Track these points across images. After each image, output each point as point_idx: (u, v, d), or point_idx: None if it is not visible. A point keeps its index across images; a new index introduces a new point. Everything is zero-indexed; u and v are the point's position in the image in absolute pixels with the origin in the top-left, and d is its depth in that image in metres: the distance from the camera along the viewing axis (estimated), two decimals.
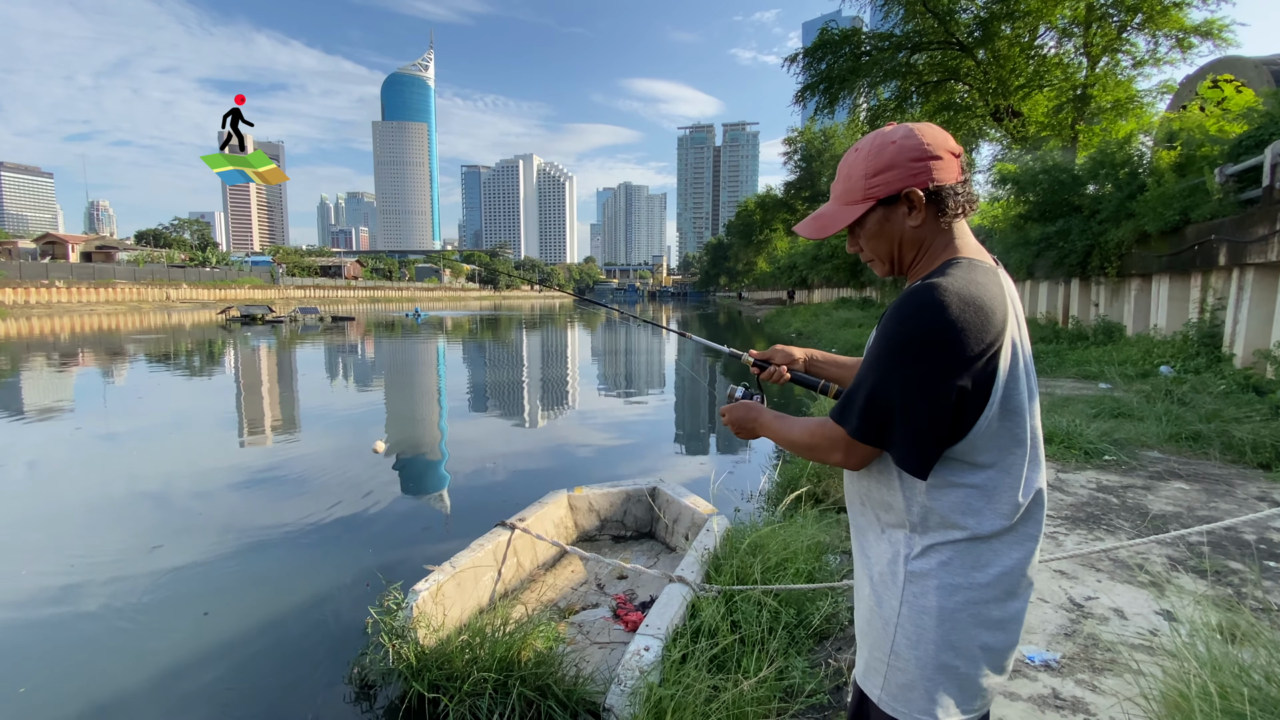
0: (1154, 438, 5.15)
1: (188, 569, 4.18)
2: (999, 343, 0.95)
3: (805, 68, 21.61)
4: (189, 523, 5.06)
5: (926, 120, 16.20)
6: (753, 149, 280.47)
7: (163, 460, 7.09)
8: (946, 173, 1.04)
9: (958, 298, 0.93)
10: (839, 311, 27.34)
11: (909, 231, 1.07)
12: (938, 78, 20.98)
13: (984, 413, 0.96)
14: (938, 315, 0.93)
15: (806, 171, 55.15)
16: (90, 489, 6.03)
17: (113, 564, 4.26)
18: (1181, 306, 9.56)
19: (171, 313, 51.36)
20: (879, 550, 1.10)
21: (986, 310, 0.94)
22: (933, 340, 0.93)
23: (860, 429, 1.02)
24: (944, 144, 1.05)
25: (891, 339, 0.97)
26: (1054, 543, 3.27)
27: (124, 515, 5.30)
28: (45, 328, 33.15)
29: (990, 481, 1.00)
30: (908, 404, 0.96)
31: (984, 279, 0.98)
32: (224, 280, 73.59)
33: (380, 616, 2.80)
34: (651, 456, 7.62)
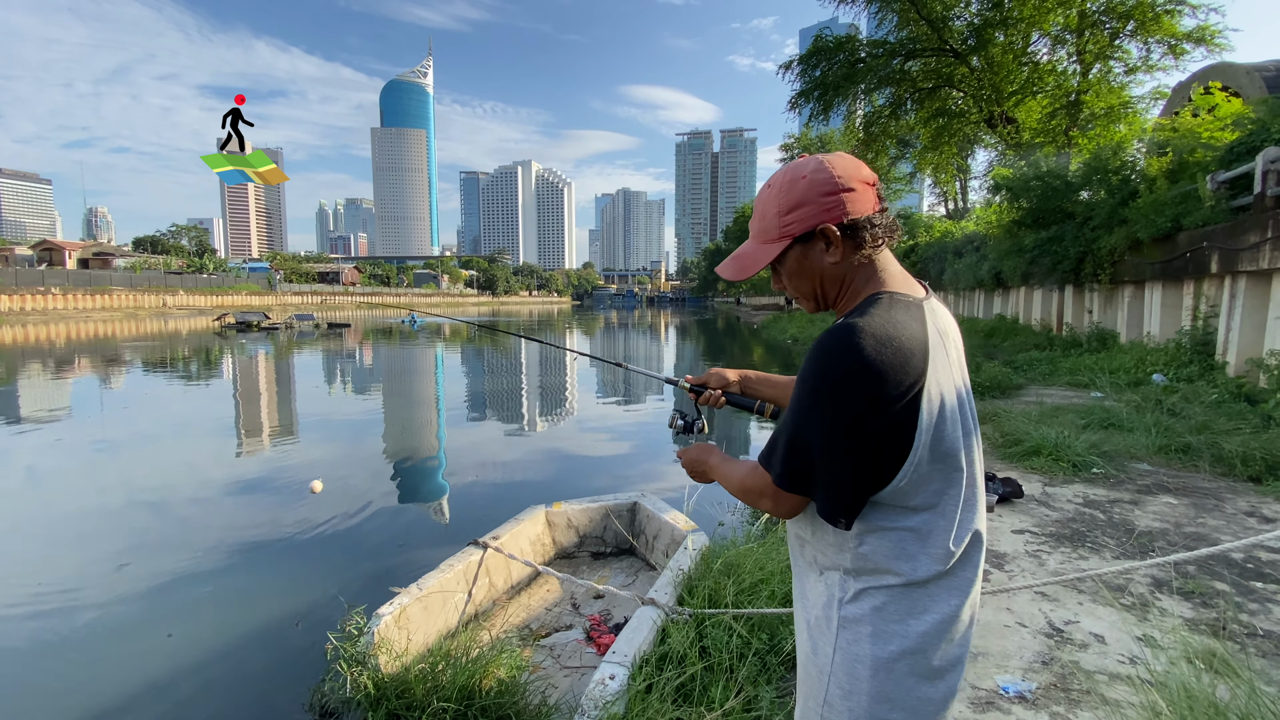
0: (1143, 449, 5.08)
1: (155, 588, 4.09)
2: (920, 383, 0.89)
3: (800, 75, 21.65)
4: (161, 538, 4.97)
5: (922, 127, 16.32)
6: (750, 155, 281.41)
7: (141, 473, 7.00)
8: (861, 204, 0.99)
9: (873, 338, 0.88)
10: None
11: (828, 268, 1.03)
12: (932, 85, 21.00)
13: (909, 456, 0.91)
14: (852, 358, 0.88)
15: None
16: (62, 503, 5.93)
17: (78, 582, 4.17)
18: (1174, 314, 9.50)
19: (168, 319, 51.30)
20: (815, 593, 1.05)
21: (905, 350, 0.89)
22: (848, 384, 0.88)
23: (783, 476, 0.97)
24: (857, 174, 1.00)
25: (808, 383, 0.93)
26: (1036, 561, 3.19)
27: (95, 530, 5.21)
28: (40, 335, 33.07)
29: (925, 525, 0.95)
30: (826, 450, 0.92)
31: (904, 316, 0.93)
32: (221, 287, 73.51)
33: (340, 643, 2.72)
34: (641, 466, 7.54)
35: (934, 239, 23.96)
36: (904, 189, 45.41)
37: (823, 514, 0.96)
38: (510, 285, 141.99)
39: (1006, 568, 3.12)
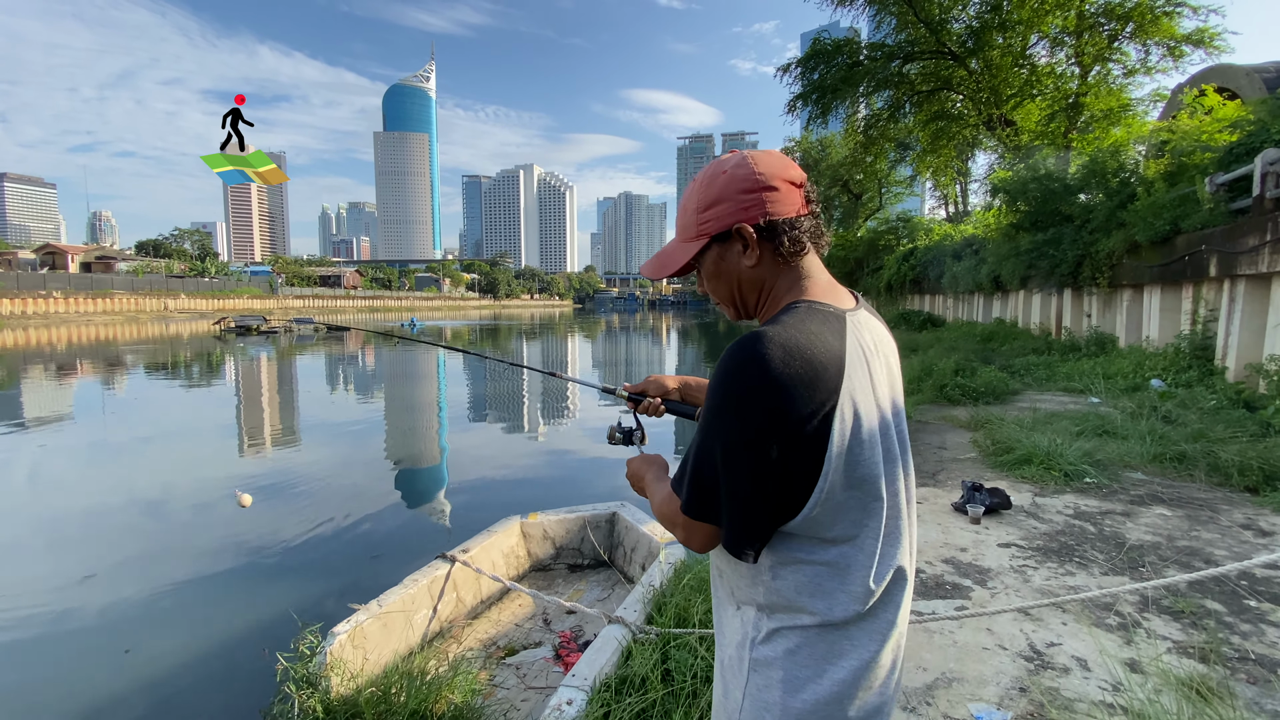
0: (1138, 458, 4.96)
1: (118, 600, 3.99)
2: (833, 401, 0.80)
3: (798, 78, 21.59)
4: (133, 547, 4.88)
5: (921, 130, 16.22)
6: None
7: (120, 479, 6.91)
8: (783, 205, 0.91)
9: (781, 350, 0.79)
10: None
11: (746, 272, 0.95)
12: (930, 87, 20.92)
13: (819, 482, 0.81)
14: (755, 371, 0.79)
15: None
16: (35, 509, 5.84)
17: (40, 593, 4.06)
18: (1173, 318, 9.37)
19: (169, 323, 51.37)
20: (731, 629, 0.96)
21: (816, 364, 0.80)
22: (750, 399, 0.79)
23: (690, 502, 0.88)
24: (782, 173, 0.92)
25: (711, 397, 0.84)
26: (1021, 577, 3.07)
27: (63, 539, 5.11)
28: (41, 338, 33.10)
29: (841, 559, 0.85)
30: (727, 473, 0.82)
31: (820, 327, 0.84)
32: (222, 290, 73.61)
33: (290, 664, 2.61)
34: None
35: (933, 242, 23.83)
36: (905, 192, 45.36)
37: (726, 545, 0.86)
38: (512, 289, 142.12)
39: (990, 584, 3.00)
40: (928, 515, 3.92)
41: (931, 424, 6.73)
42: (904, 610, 0.91)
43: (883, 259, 28.81)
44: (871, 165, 27.86)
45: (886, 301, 27.33)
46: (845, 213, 50.16)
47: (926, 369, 9.53)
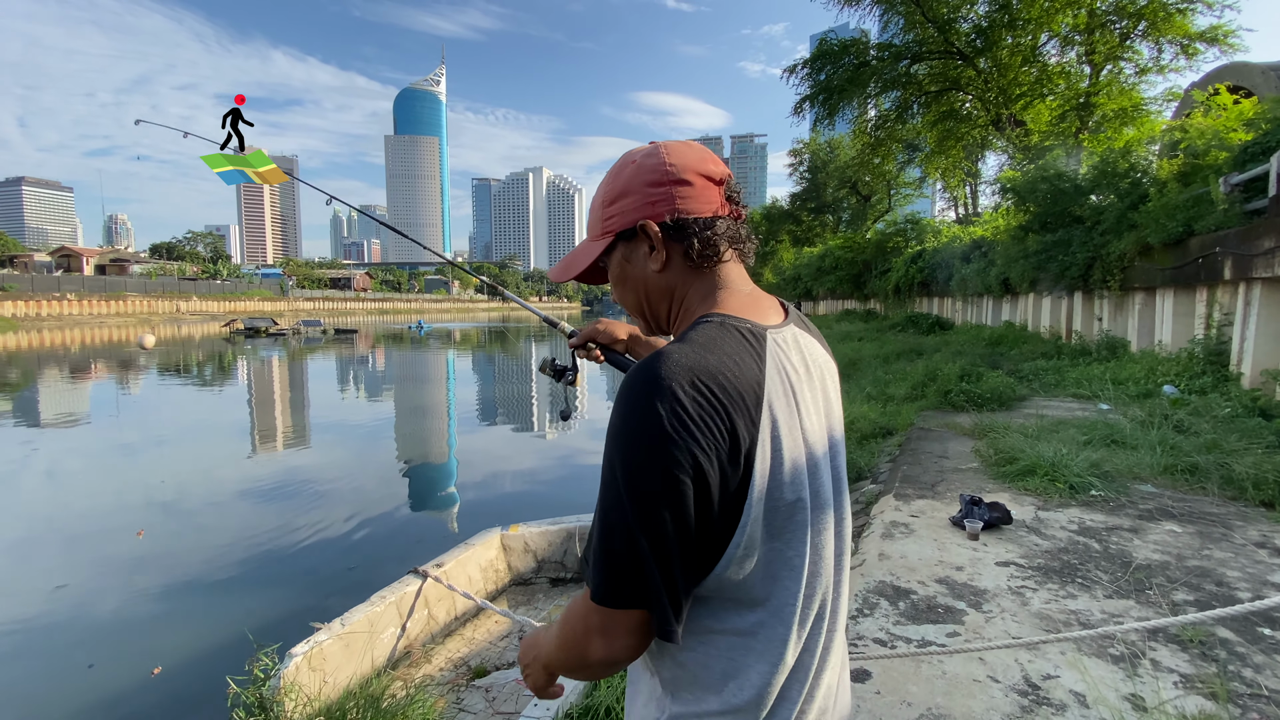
0: (1148, 469, 4.75)
1: (88, 612, 3.90)
2: (749, 437, 0.67)
3: (805, 78, 21.41)
4: (108, 556, 4.79)
5: (929, 131, 15.97)
6: (761, 160, 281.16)
7: (103, 485, 6.85)
8: (697, 202, 0.80)
9: (687, 376, 0.66)
10: (841, 324, 26.90)
11: (652, 277, 0.83)
12: (938, 88, 20.66)
13: (735, 535, 0.67)
14: (649, 403, 0.65)
15: (812, 183, 54.88)
16: (13, 517, 5.77)
17: (8, 603, 3.97)
18: (1187, 322, 9.11)
19: (181, 325, 51.91)
20: (643, 698, 0.80)
21: (729, 393, 0.67)
22: (651, 441, 0.64)
23: (604, 587, 0.66)
24: (697, 166, 0.81)
25: (608, 443, 0.68)
26: (1019, 600, 2.90)
27: (40, 547, 5.04)
28: (55, 340, 33.47)
29: (759, 627, 0.71)
30: (646, 536, 0.64)
31: (735, 348, 0.71)
32: (234, 293, 74.36)
33: (241, 688, 2.49)
34: None
35: (941, 244, 23.53)
36: (913, 193, 44.99)
37: (659, 630, 0.68)
38: (520, 291, 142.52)
39: (985, 607, 2.83)
40: (923, 530, 3.75)
41: (934, 431, 6.54)
42: (832, 683, 0.77)
43: (891, 261, 28.49)
44: (879, 167, 27.59)
45: (894, 304, 27.00)
46: (854, 214, 49.81)
47: (931, 373, 9.32)
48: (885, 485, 4.76)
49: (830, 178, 51.55)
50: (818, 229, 57.35)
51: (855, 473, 5.53)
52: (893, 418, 7.31)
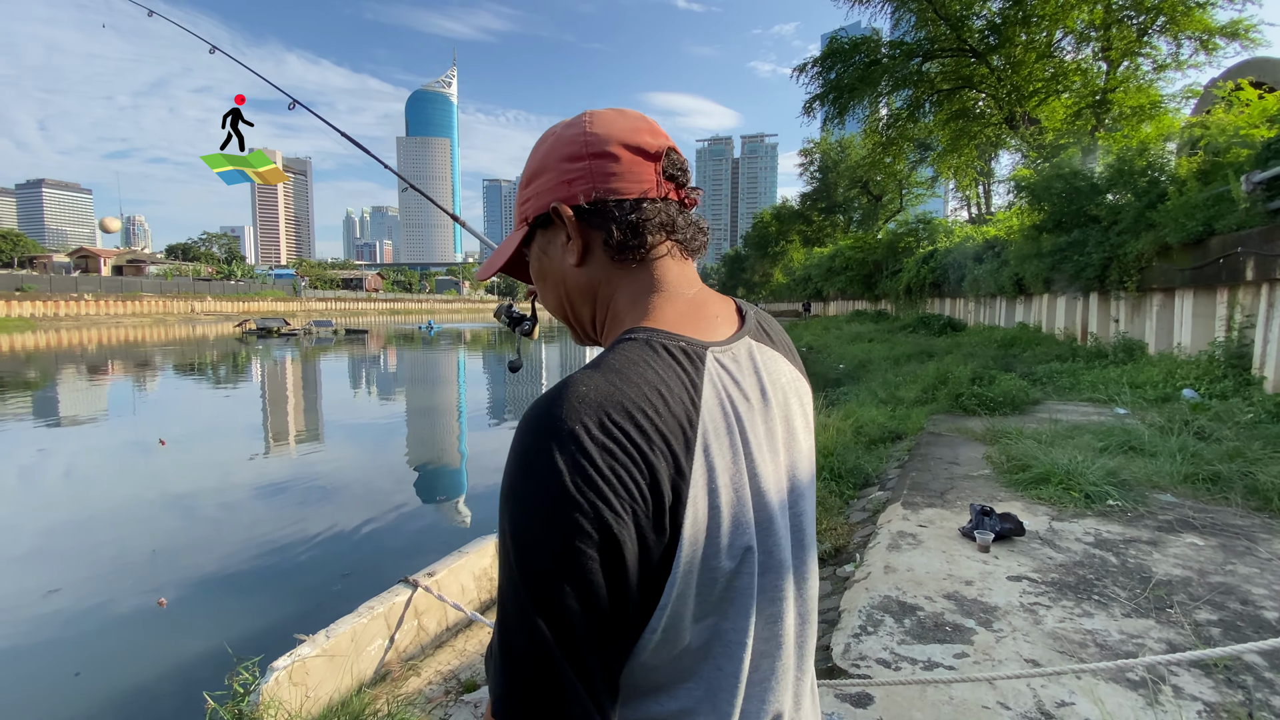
0: (1167, 478, 4.58)
1: (78, 618, 3.85)
2: (675, 487, 0.52)
3: (815, 77, 21.23)
4: (109, 559, 4.76)
5: (941, 130, 15.61)
6: (771, 160, 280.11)
7: (108, 487, 6.85)
8: (621, 180, 0.64)
9: (595, 415, 0.51)
10: (851, 325, 26.65)
11: (571, 274, 0.67)
12: (951, 86, 20.39)
13: (658, 611, 0.53)
14: (544, 456, 0.50)
15: (822, 183, 54.60)
16: (15, 520, 5.76)
17: (3, 608, 3.94)
18: (1207, 324, 8.87)
19: (195, 325, 52.48)
20: None
21: (642, 436, 0.52)
22: (540, 502, 0.50)
23: (504, 696, 0.50)
24: (624, 136, 0.64)
25: (501, 506, 0.53)
26: (1032, 618, 2.76)
27: (37, 551, 5.01)
28: (72, 339, 33.92)
29: (691, 710, 0.56)
30: (548, 622, 0.49)
31: (660, 374, 0.56)
32: (247, 293, 75.16)
33: (219, 704, 2.41)
34: None
35: (954, 244, 23.24)
36: (926, 193, 44.53)
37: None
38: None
39: (996, 626, 2.70)
40: (932, 541, 3.61)
41: (945, 436, 6.38)
42: None
43: (902, 261, 28.21)
44: (891, 166, 27.31)
45: (906, 305, 26.73)
46: (865, 214, 49.47)
47: (943, 376, 9.14)
48: (893, 493, 4.63)
49: (841, 177, 51.26)
50: (828, 229, 57.02)
51: (863, 478, 5.39)
52: (902, 421, 7.16)
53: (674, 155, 0.67)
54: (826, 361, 19.83)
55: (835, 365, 18.26)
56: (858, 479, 5.34)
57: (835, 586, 3.36)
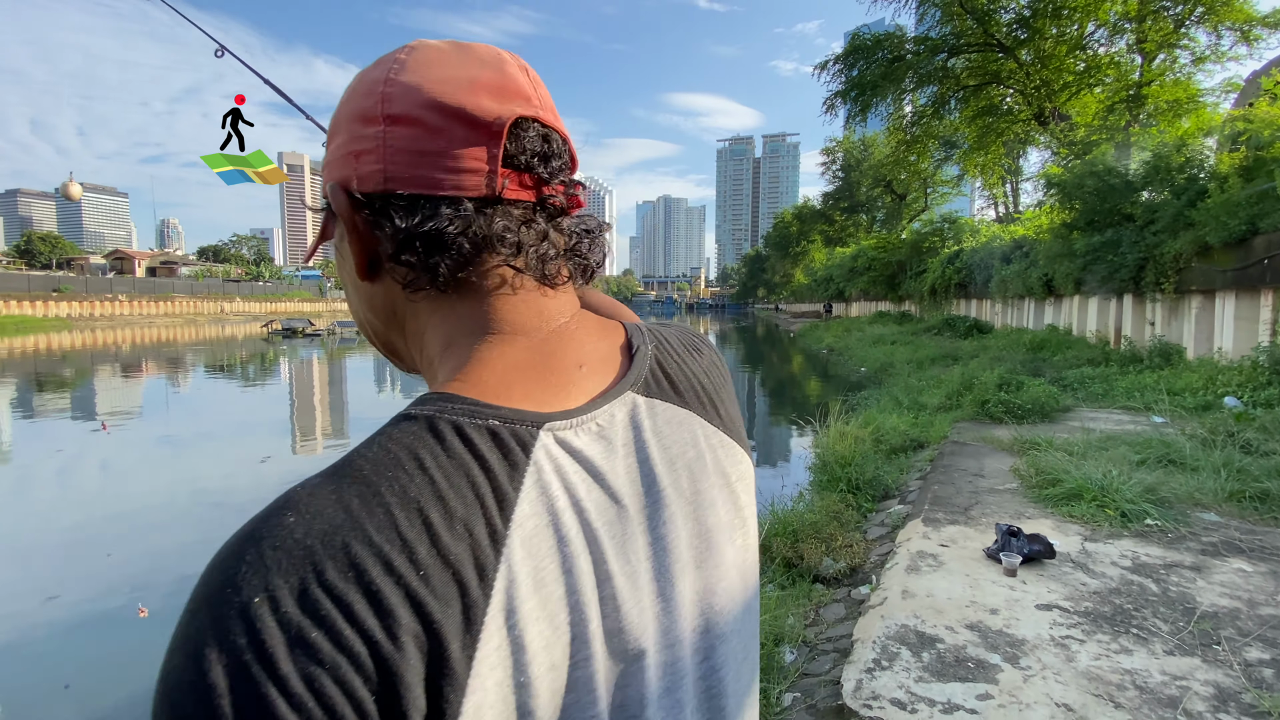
0: (1211, 495, 4.28)
1: (74, 627, 3.81)
2: (431, 689, 0.31)
3: (836, 75, 20.88)
4: (106, 567, 4.73)
5: (967, 127, 15.16)
6: (793, 160, 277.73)
7: (120, 492, 6.89)
8: (432, 165, 0.40)
9: (297, 566, 0.30)
10: (873, 327, 26.14)
11: (364, 291, 0.47)
12: (977, 82, 19.92)
13: None
14: (196, 644, 0.30)
15: (845, 182, 53.88)
16: (21, 523, 5.80)
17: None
18: (1250, 327, 8.44)
19: (224, 325, 53.66)
20: None
21: (368, 606, 0.30)
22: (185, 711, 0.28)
23: None
24: (449, 92, 0.41)
25: None
26: (1064, 654, 2.54)
27: (40, 555, 5.02)
28: (106, 339, 34.85)
29: None
30: None
31: (436, 486, 0.34)
32: (275, 294, 76.79)
33: None
34: None
35: (980, 244, 22.67)
36: (951, 192, 43.67)
37: None
38: None
39: (1023, 662, 2.49)
40: (954, 563, 3.39)
41: (969, 445, 6.11)
42: None
43: (926, 261, 27.63)
44: (915, 165, 26.74)
45: (930, 306, 26.18)
46: (888, 214, 48.73)
47: (968, 381, 8.83)
48: (914, 507, 4.40)
49: (864, 176, 50.53)
50: (851, 229, 56.27)
51: (882, 490, 5.16)
52: (925, 429, 6.90)
53: (529, 130, 0.43)
54: (847, 364, 19.46)
55: (856, 368, 17.90)
56: (876, 491, 5.11)
57: (849, 611, 3.17)
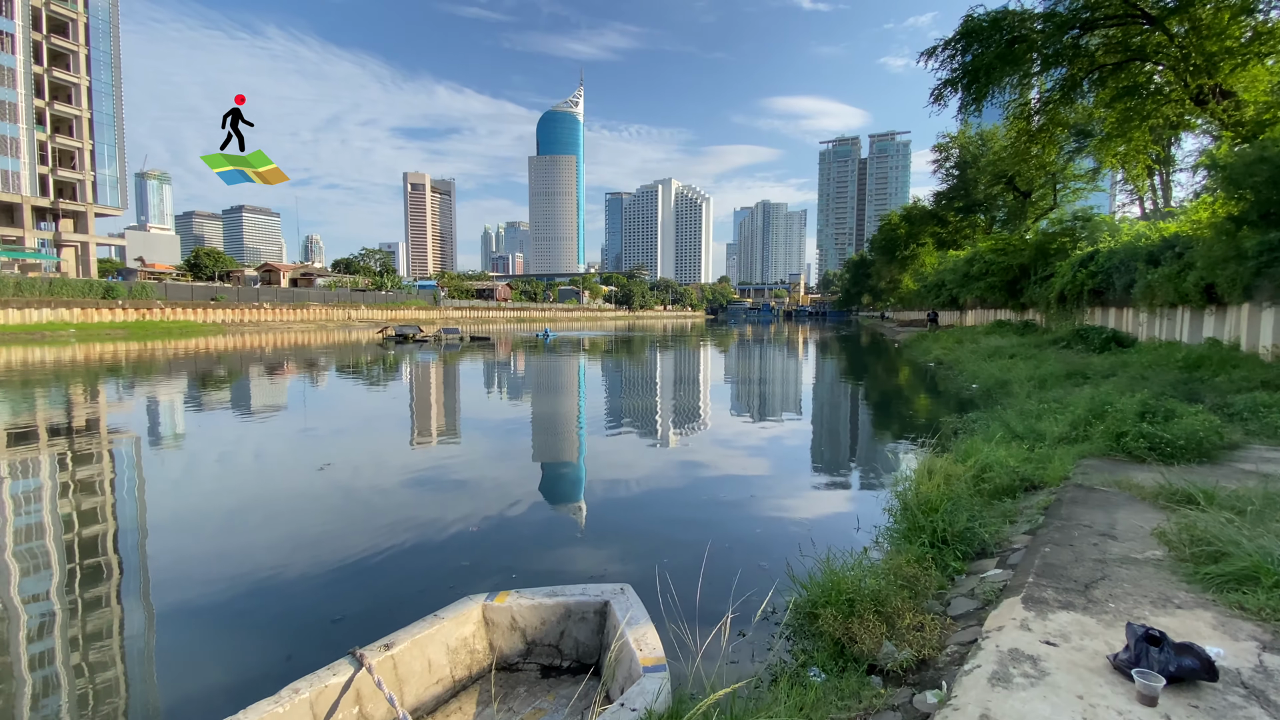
0: None
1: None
2: None
3: (945, 62, 19.00)
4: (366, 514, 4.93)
5: (1105, 112, 13.18)
6: (903, 159, 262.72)
7: (215, 489, 7.20)
8: None
9: None
10: (989, 338, 23.58)
11: None
12: (1117, 60, 17.36)
13: None
14: None
15: (960, 180, 49.84)
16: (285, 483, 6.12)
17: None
18: None
19: (350, 330, 58.51)
20: None
21: None
22: None
23: None
24: None
25: None
26: None
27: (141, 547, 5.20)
28: (252, 342, 38.92)
29: None
30: None
31: None
32: (394, 302, 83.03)
33: None
34: (663, 535, 6.21)
35: (1120, 244, 19.80)
36: (1085, 187, 39.12)
37: None
38: (646, 300, 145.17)
39: None
40: (1063, 675, 2.48)
41: (1097, 492, 4.91)
42: None
43: (1054, 265, 24.66)
44: (1041, 157, 23.87)
45: (1058, 315, 23.24)
46: (1010, 213, 44.41)
47: (1099, 406, 7.36)
48: (1014, 576, 3.45)
49: (981, 173, 46.37)
50: (966, 230, 51.92)
51: (978, 546, 4.18)
52: (1040, 466, 5.71)
53: None
54: (956, 380, 17.51)
55: (966, 385, 16.03)
56: (969, 547, 4.14)
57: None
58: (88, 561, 5.14)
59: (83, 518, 6.11)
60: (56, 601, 4.38)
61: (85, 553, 5.28)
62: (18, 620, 4.10)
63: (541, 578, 4.36)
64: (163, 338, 42.39)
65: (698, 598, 3.35)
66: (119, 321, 46.92)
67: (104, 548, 5.47)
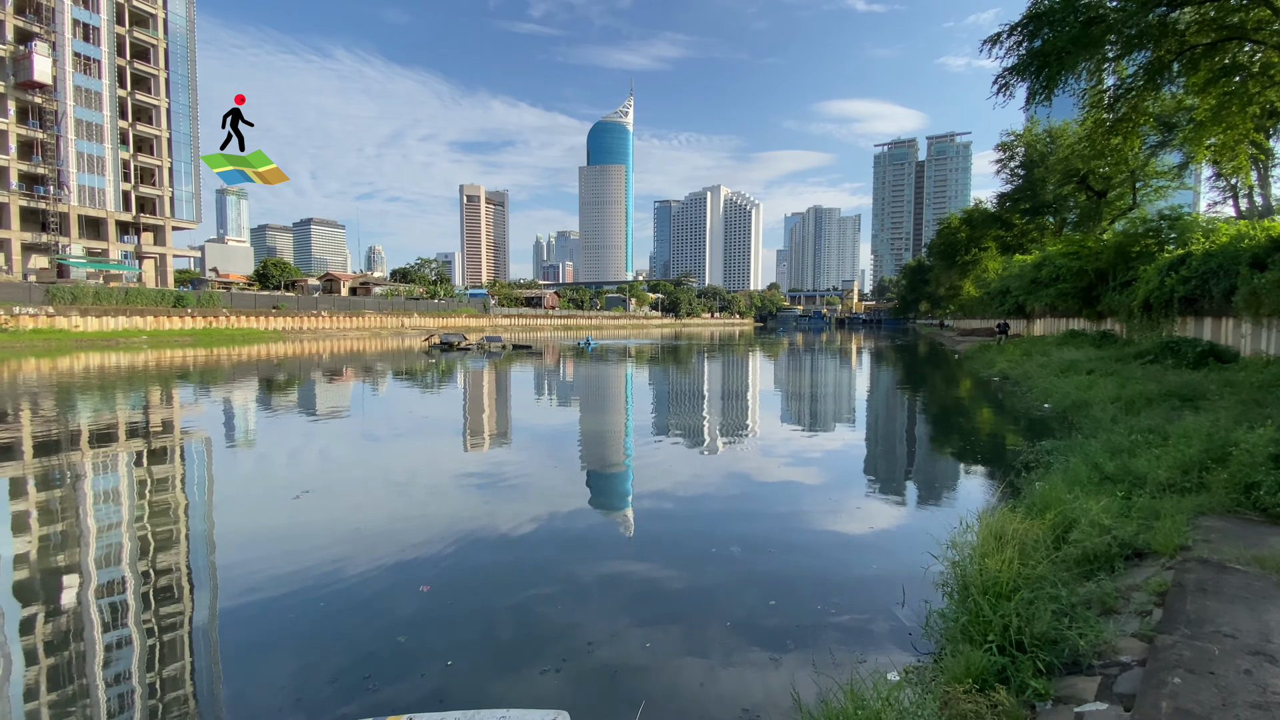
0: None
1: None
2: None
3: (1011, 49, 17.37)
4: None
5: (1198, 97, 11.42)
6: (963, 161, 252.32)
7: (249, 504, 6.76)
8: None
9: None
10: (1062, 350, 21.50)
11: None
12: (1211, 39, 15.40)
13: None
14: None
15: (1026, 180, 46.81)
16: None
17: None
18: None
19: (404, 338, 59.93)
20: None
21: None
22: None
23: None
24: None
25: None
26: None
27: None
28: (311, 349, 40.18)
29: None
30: None
31: None
32: (446, 310, 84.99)
33: None
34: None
35: (1217, 246, 17.66)
36: (1170, 185, 35.95)
37: None
38: (693, 308, 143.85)
39: None
40: None
41: (1233, 573, 3.71)
42: None
43: (1137, 269, 22.41)
44: (1120, 151, 21.67)
45: (1143, 325, 20.99)
46: (1084, 214, 41.26)
47: (1216, 444, 5.99)
48: (1130, 717, 2.40)
49: (1050, 172, 43.29)
50: (1033, 233, 48.71)
51: (1068, 655, 3.09)
52: (1144, 526, 4.51)
53: None
54: (1025, 398, 15.78)
55: (1037, 404, 14.37)
56: (1056, 655, 3.05)
57: None
58: (160, 557, 5.56)
59: (154, 514, 6.66)
60: (130, 598, 4.71)
61: (160, 547, 5.78)
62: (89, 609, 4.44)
63: None
64: (226, 344, 44.21)
65: None
66: (187, 329, 49.41)
67: (175, 541, 5.91)
